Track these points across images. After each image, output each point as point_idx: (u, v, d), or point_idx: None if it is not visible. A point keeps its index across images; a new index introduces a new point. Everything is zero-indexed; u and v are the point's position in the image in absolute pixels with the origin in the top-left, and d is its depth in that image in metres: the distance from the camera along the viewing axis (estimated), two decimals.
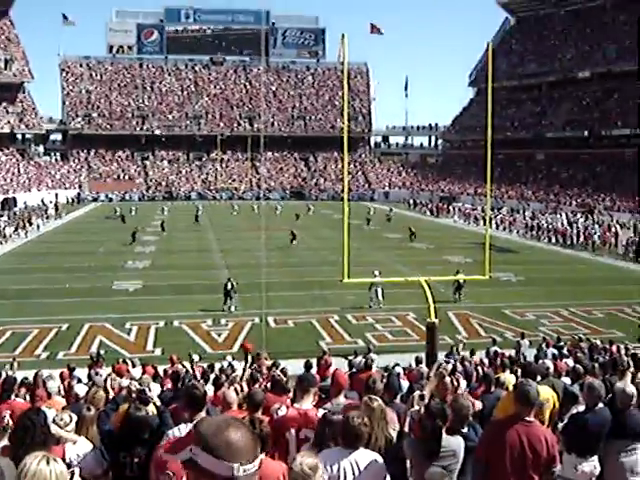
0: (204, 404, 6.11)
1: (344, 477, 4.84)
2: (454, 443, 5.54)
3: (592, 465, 7.01)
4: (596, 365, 12.00)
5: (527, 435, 5.54)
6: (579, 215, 59.44)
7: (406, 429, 5.95)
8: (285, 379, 9.98)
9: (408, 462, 5.66)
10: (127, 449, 5.12)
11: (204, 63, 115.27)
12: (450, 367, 12.32)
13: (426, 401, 6.17)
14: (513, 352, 19.23)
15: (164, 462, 3.27)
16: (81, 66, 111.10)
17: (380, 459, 5.01)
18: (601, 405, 7.10)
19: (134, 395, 7.05)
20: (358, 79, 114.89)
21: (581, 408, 7.44)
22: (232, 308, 27.90)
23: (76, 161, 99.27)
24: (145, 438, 5.38)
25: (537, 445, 5.54)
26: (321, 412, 6.29)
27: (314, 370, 14.35)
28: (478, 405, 8.14)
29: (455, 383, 9.72)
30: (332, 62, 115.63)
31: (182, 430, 5.70)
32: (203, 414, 6.09)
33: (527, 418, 5.63)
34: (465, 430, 6.02)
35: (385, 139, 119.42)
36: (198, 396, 6.06)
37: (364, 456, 4.98)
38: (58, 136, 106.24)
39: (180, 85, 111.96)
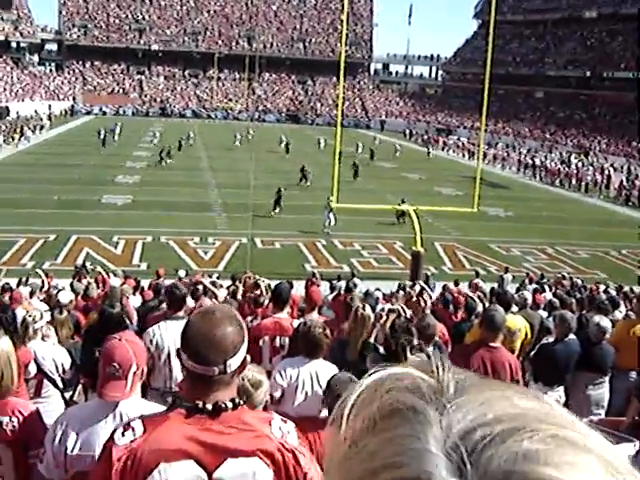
0: (184, 303, 6.23)
1: (302, 384, 4.93)
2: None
3: (558, 395, 7.14)
4: (573, 300, 12.13)
5: (491, 360, 5.63)
6: (573, 155, 59.25)
7: (371, 340, 6.05)
8: (261, 293, 10.04)
9: None
10: (100, 343, 5.19)
11: None
12: (418, 288, 12.49)
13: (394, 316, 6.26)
14: (496, 285, 19.38)
15: (112, 353, 3.29)
16: None
17: (336, 370, 5.11)
18: (571, 336, 7.20)
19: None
20: (361, 3, 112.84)
21: (552, 339, 7.55)
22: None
23: (71, 72, 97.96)
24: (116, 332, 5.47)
25: (500, 370, 5.64)
26: (296, 322, 6.41)
27: (301, 291, 14.50)
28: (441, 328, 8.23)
29: (422, 303, 9.82)
30: None
31: (162, 327, 5.80)
32: (182, 313, 6.20)
33: (492, 343, 5.70)
34: (430, 349, 6.12)
35: (385, 67, 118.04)
36: (177, 294, 6.21)
37: (323, 366, 5.07)
38: (53, 46, 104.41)
39: (180, 0, 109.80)
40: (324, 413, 4.96)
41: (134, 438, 2.35)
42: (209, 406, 2.34)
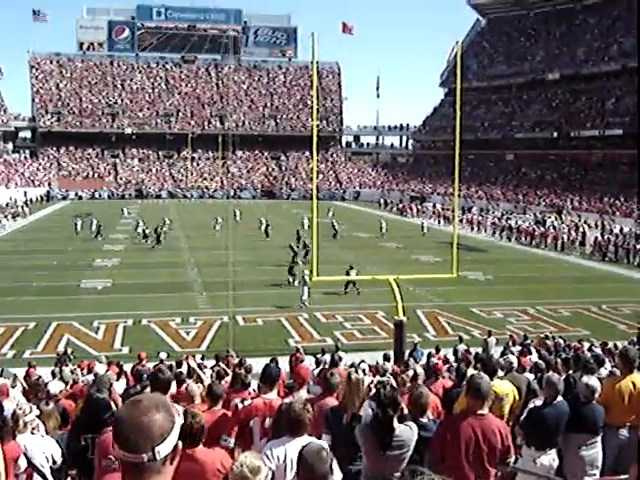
0: (168, 387, 6.17)
1: (290, 464, 4.88)
2: (406, 433, 5.58)
3: (550, 458, 7.11)
4: (559, 361, 12.15)
5: (481, 428, 5.59)
6: (547, 215, 59.95)
7: (361, 413, 6.03)
8: (247, 375, 9.99)
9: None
10: (88, 431, 5.14)
11: (175, 61, 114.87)
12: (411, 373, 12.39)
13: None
14: (480, 350, 19.36)
15: (107, 445, 3.27)
16: (51, 63, 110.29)
17: (325, 444, 5.07)
18: (560, 398, 7.20)
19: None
20: (330, 78, 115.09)
21: (539, 402, 7.54)
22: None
23: (45, 158, 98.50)
24: (105, 419, 5.41)
25: (491, 437, 5.60)
26: (286, 402, 6.37)
27: (286, 367, 14.42)
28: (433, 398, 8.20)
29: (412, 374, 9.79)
30: (304, 61, 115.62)
31: None
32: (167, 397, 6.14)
33: (479, 411, 5.67)
34: (424, 420, 6.09)
35: (356, 139, 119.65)
36: (161, 379, 6.16)
37: (307, 442, 5.03)
38: (27, 133, 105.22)
39: (151, 83, 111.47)
40: None
41: None
42: None
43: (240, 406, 6.76)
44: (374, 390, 6.09)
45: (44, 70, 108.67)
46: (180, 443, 2.45)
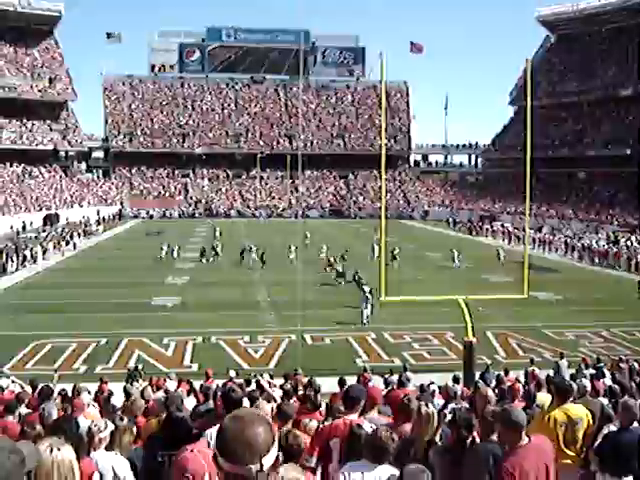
0: (240, 406, 6.20)
1: None
2: (479, 454, 5.47)
3: None
4: (634, 385, 11.82)
5: (539, 455, 5.40)
6: (620, 235, 58.62)
7: (437, 438, 5.94)
8: (317, 395, 9.97)
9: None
10: (165, 448, 5.19)
11: (244, 82, 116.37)
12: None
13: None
14: (551, 372, 18.97)
15: (185, 464, 3.32)
16: (123, 84, 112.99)
17: (394, 470, 5.01)
18: (636, 424, 7.00)
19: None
20: (397, 97, 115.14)
21: (614, 428, 7.34)
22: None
23: (118, 178, 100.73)
24: (182, 438, 5.46)
25: (551, 460, 5.45)
26: (366, 424, 6.32)
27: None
28: None
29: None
30: (372, 81, 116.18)
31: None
32: None
33: (522, 442, 5.43)
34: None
35: (425, 157, 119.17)
36: (234, 397, 6.20)
37: (386, 471, 4.97)
38: (100, 153, 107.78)
39: (221, 104, 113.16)
40: None
41: None
42: None
43: (321, 426, 6.73)
44: (450, 416, 6.00)
45: (117, 91, 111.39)
46: (280, 454, 2.53)
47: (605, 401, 10.27)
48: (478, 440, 5.79)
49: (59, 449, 3.39)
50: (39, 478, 3.26)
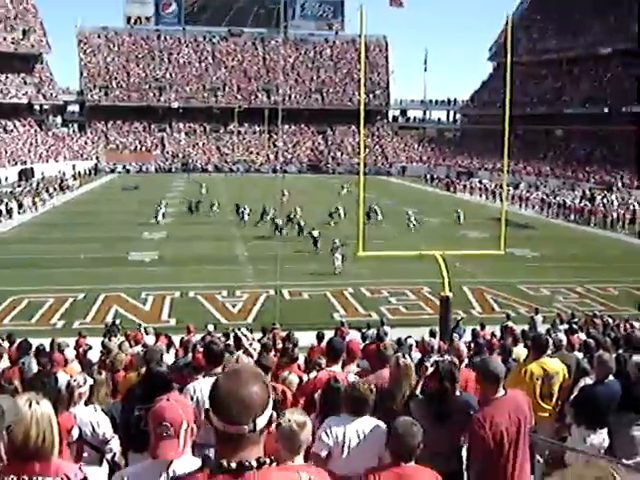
0: (222, 359, 6.23)
1: (348, 443, 4.88)
2: (461, 405, 5.54)
3: (601, 437, 7.03)
4: (608, 340, 11.98)
5: (514, 408, 5.45)
6: (597, 192, 58.98)
7: (417, 391, 5.99)
8: (294, 349, 10.06)
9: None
10: (144, 402, 5.20)
11: (222, 35, 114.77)
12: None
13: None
14: (527, 327, 19.19)
15: (161, 413, 3.32)
16: (99, 37, 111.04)
17: (383, 425, 5.05)
18: (611, 378, 7.10)
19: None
20: (376, 52, 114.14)
21: (590, 381, 7.45)
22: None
23: (93, 132, 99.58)
24: (161, 392, 5.48)
25: (526, 414, 5.50)
26: (350, 377, 6.37)
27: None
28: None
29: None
30: (351, 34, 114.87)
31: (201, 384, 5.82)
32: (219, 369, 6.21)
33: (498, 395, 5.48)
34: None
35: (403, 113, 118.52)
36: (215, 350, 6.23)
37: (368, 423, 5.02)
38: (76, 107, 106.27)
39: (198, 57, 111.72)
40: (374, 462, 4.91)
41: None
42: (233, 465, 2.37)
43: (305, 378, 6.78)
44: (431, 369, 6.04)
45: (92, 44, 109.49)
46: (274, 413, 2.50)
47: (580, 355, 10.42)
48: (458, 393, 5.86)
49: (38, 403, 3.38)
50: (17, 432, 3.25)
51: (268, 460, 2.43)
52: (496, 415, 5.35)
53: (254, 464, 2.39)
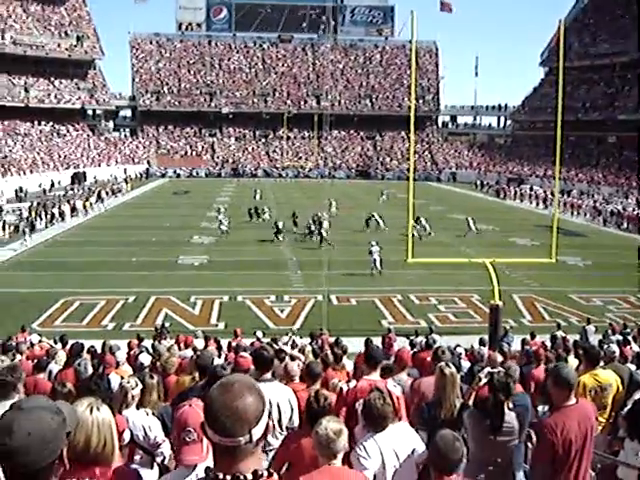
0: (271, 365, 6.24)
1: (387, 457, 4.82)
2: (514, 420, 5.48)
3: None
4: None
5: (583, 418, 5.41)
6: None
7: (470, 402, 5.94)
8: (343, 355, 10.04)
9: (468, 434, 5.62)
10: None
11: (272, 41, 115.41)
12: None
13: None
14: (578, 337, 18.91)
15: (185, 419, 3.34)
16: (151, 43, 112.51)
17: (412, 433, 5.02)
18: None
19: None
20: (427, 57, 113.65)
21: None
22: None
23: (145, 137, 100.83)
24: None
25: (593, 425, 5.44)
26: (390, 384, 6.34)
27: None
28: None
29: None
30: (401, 40, 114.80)
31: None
32: (269, 375, 6.22)
33: (570, 402, 5.44)
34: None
35: (453, 119, 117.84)
36: (266, 357, 6.25)
37: (397, 429, 4.98)
38: (128, 112, 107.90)
39: (248, 62, 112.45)
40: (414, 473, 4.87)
41: None
42: (228, 478, 2.36)
43: (345, 388, 6.75)
44: (484, 380, 5.98)
45: (144, 50, 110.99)
46: (270, 424, 2.48)
47: (633, 367, 10.23)
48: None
49: (98, 409, 3.42)
50: (79, 438, 3.30)
51: (266, 473, 2.42)
52: (567, 422, 5.32)
53: (249, 477, 2.37)
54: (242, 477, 2.37)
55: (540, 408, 5.78)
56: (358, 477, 4.23)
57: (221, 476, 2.37)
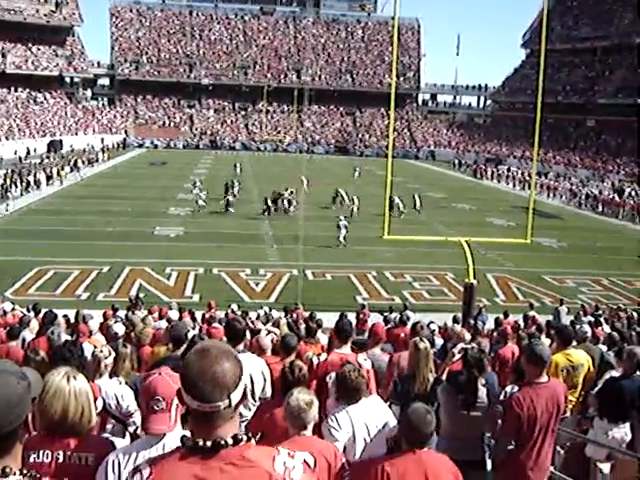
0: (244, 337, 6.23)
1: (359, 432, 4.83)
2: (485, 395, 5.54)
3: (623, 432, 6.96)
4: (634, 334, 11.88)
5: (551, 396, 5.47)
6: (626, 184, 58.33)
7: (443, 377, 5.98)
8: (318, 329, 10.06)
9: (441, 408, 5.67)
10: None
11: (254, 13, 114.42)
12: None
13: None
14: (550, 318, 19.08)
15: (155, 388, 3.33)
16: (131, 11, 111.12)
17: (383, 406, 5.05)
18: (638, 373, 7.03)
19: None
20: (409, 35, 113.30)
21: (616, 374, 7.38)
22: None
23: (123, 106, 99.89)
24: None
25: (560, 404, 5.51)
26: (360, 357, 6.36)
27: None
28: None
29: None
30: (383, 16, 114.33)
31: None
32: (241, 347, 6.21)
33: (541, 379, 5.51)
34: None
35: (433, 97, 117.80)
36: (238, 328, 6.23)
37: (369, 402, 5.01)
38: (106, 81, 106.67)
39: (229, 34, 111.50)
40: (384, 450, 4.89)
41: None
42: (209, 443, 2.34)
43: (315, 361, 6.76)
44: (458, 356, 6.02)
45: (124, 18, 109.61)
46: (248, 389, 2.47)
47: (604, 348, 10.34)
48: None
49: (75, 378, 3.40)
50: (56, 407, 3.28)
51: (245, 437, 2.40)
52: (534, 398, 5.41)
53: (230, 441, 2.36)
54: (223, 442, 2.35)
55: (509, 388, 5.81)
56: (328, 447, 4.25)
57: (201, 442, 2.35)
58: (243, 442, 2.39)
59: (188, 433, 2.52)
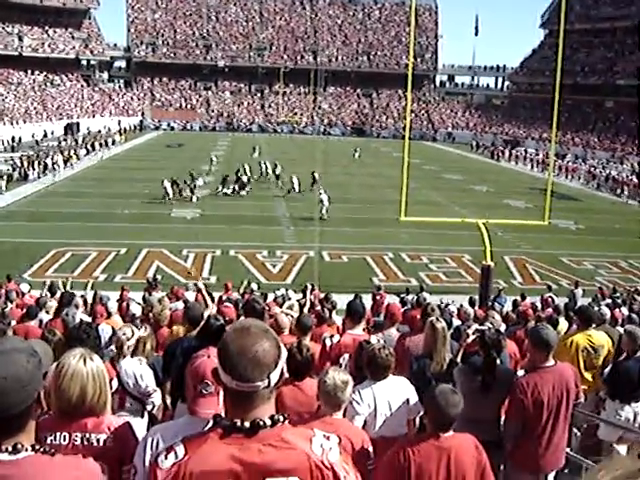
0: (262, 318, 6.23)
1: (380, 409, 4.85)
2: (505, 377, 5.50)
3: (634, 411, 6.97)
4: None
5: (559, 379, 5.41)
6: None
7: (458, 359, 5.96)
8: (332, 310, 10.06)
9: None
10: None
11: None
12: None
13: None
14: (567, 300, 18.99)
15: (204, 371, 3.30)
16: None
17: (409, 386, 5.05)
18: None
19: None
20: (426, 16, 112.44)
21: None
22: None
23: (139, 89, 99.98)
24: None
25: (570, 387, 5.45)
26: (373, 339, 6.36)
27: (368, 305, 14.42)
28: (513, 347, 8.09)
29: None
30: None
31: None
32: None
33: (548, 363, 5.46)
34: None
35: (450, 78, 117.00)
36: (257, 308, 6.23)
37: (395, 381, 5.01)
38: (122, 63, 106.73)
39: (245, 15, 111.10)
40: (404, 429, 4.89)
41: (176, 461, 2.34)
42: (247, 424, 2.31)
43: (329, 342, 6.77)
44: (472, 337, 6.00)
45: (140, 0, 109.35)
46: (285, 369, 2.45)
47: (622, 330, 10.28)
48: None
49: (92, 359, 3.39)
50: (74, 390, 3.27)
51: (282, 417, 2.38)
52: (539, 383, 5.35)
53: (268, 422, 2.34)
54: (262, 423, 2.33)
55: (520, 373, 5.79)
56: (357, 433, 4.25)
57: (239, 423, 2.33)
58: (280, 423, 2.37)
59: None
